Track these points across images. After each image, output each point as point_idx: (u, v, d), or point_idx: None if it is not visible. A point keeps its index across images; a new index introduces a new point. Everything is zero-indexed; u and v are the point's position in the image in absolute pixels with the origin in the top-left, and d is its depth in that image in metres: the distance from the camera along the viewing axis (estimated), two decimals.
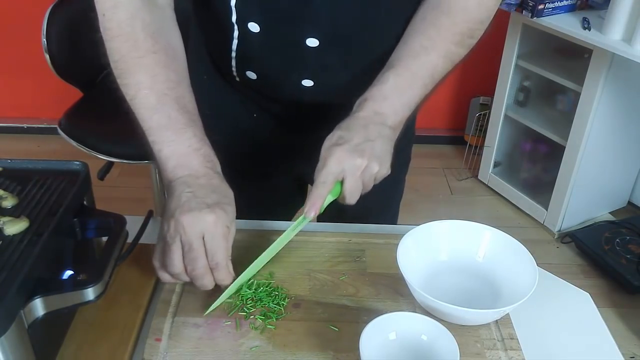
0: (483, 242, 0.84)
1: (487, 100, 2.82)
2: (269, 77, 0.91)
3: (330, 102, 0.94)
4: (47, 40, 1.84)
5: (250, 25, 0.84)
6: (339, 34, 0.85)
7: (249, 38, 0.86)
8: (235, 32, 0.86)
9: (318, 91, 0.91)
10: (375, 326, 0.68)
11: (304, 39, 0.84)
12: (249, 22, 0.84)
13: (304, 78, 0.89)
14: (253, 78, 0.91)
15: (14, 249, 0.62)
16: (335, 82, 0.91)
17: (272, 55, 0.88)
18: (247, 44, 0.87)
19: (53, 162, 0.77)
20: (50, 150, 2.79)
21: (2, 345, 0.56)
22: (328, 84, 0.91)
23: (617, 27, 1.99)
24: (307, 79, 0.89)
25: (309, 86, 0.90)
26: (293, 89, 0.91)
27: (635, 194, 2.65)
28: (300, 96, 0.92)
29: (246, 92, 0.98)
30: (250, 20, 0.84)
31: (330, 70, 0.89)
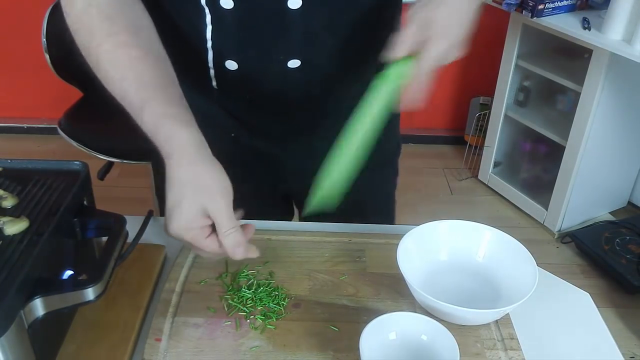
0: (483, 242, 0.84)
1: (487, 100, 2.82)
2: (251, 61, 0.84)
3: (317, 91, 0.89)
4: (47, 40, 1.84)
5: (223, 2, 0.78)
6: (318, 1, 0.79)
7: (222, 18, 0.79)
8: (207, 17, 0.80)
9: (305, 72, 0.85)
10: (375, 326, 0.68)
11: (285, 2, 0.78)
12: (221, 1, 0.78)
13: (290, 58, 0.83)
14: (233, 69, 0.84)
15: (14, 249, 0.62)
16: (322, 56, 0.85)
17: (252, 32, 0.81)
18: (222, 26, 0.80)
19: (53, 162, 0.77)
20: (50, 150, 2.80)
21: (2, 345, 0.56)
22: (315, 62, 0.85)
23: (617, 27, 1.99)
24: (293, 58, 0.83)
25: (296, 67, 0.84)
26: (278, 73, 0.84)
27: (635, 194, 2.65)
28: (286, 82, 0.86)
29: (225, 103, 0.92)
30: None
31: (315, 39, 0.83)
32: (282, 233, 0.90)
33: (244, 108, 0.93)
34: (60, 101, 2.02)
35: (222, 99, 0.92)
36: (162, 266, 0.85)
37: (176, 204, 0.69)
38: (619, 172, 2.52)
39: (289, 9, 0.78)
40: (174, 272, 0.81)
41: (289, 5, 0.78)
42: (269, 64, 0.84)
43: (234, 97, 0.91)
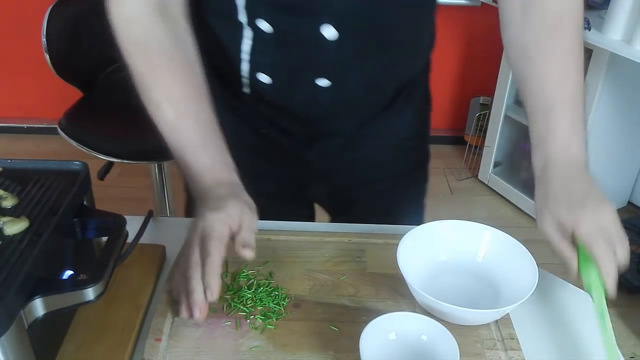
0: (483, 242, 0.84)
1: (487, 100, 2.82)
2: (283, 77, 0.88)
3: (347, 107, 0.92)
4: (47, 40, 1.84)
5: (261, 24, 0.81)
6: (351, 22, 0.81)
7: (260, 37, 0.83)
8: (246, 32, 0.83)
9: (334, 91, 0.87)
10: (375, 326, 0.68)
11: (318, 29, 0.80)
12: (259, 20, 0.81)
13: (320, 76, 0.86)
14: (266, 82, 0.88)
15: (14, 249, 0.62)
16: (352, 79, 0.88)
17: (286, 52, 0.85)
18: (259, 43, 0.84)
19: (53, 162, 0.77)
20: (50, 150, 2.79)
21: (2, 345, 0.56)
22: (344, 82, 0.87)
23: (617, 27, 1.99)
24: (323, 77, 0.86)
25: (325, 86, 0.86)
26: (308, 89, 0.87)
27: (635, 194, 2.65)
28: (315, 98, 0.88)
29: (256, 105, 0.94)
30: (259, 17, 0.81)
31: (346, 63, 0.85)
32: (282, 233, 0.90)
33: (274, 113, 0.95)
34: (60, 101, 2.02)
35: (253, 103, 0.94)
36: (162, 266, 0.85)
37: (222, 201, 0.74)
38: (619, 172, 2.52)
39: (324, 39, 0.81)
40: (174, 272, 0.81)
41: (325, 35, 0.81)
42: (300, 81, 0.87)
43: (265, 103, 0.93)
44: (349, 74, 0.87)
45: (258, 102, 0.93)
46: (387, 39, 0.85)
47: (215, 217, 0.72)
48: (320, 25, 0.80)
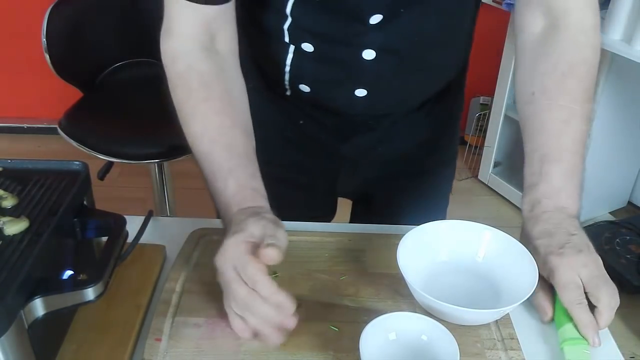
0: (483, 242, 0.83)
1: (487, 100, 2.82)
2: (322, 89, 0.91)
3: (383, 111, 0.94)
4: (47, 40, 1.84)
5: (304, 46, 0.85)
6: (394, 48, 0.84)
7: (302, 56, 0.86)
8: (289, 49, 0.86)
9: (370, 100, 0.90)
10: (375, 326, 0.68)
11: (360, 54, 0.84)
12: (302, 43, 0.85)
13: (358, 87, 0.88)
14: (306, 91, 0.91)
15: (14, 249, 0.62)
16: (388, 91, 0.90)
17: (326, 70, 0.88)
18: (300, 61, 0.87)
19: (53, 162, 0.77)
20: (50, 150, 2.79)
21: (2, 345, 0.56)
22: (381, 94, 0.90)
23: (617, 27, 1.99)
24: (360, 88, 0.88)
25: (362, 96, 0.89)
26: (346, 98, 0.90)
27: (635, 194, 2.65)
28: (353, 105, 0.91)
29: (295, 102, 0.97)
30: (304, 42, 0.84)
31: (383, 79, 0.88)
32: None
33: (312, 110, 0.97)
34: (60, 101, 2.02)
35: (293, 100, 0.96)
36: (162, 266, 0.85)
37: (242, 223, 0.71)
38: (619, 172, 2.52)
39: (363, 59, 0.84)
40: (174, 272, 0.81)
41: (364, 56, 0.84)
42: (338, 91, 0.90)
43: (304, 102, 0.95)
44: (386, 87, 0.89)
45: (298, 100, 0.95)
46: (425, 59, 0.88)
47: (235, 239, 0.69)
48: (361, 51, 0.83)
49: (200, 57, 0.80)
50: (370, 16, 0.80)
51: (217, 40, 0.82)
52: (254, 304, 0.66)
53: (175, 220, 0.99)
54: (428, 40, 0.86)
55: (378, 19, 0.80)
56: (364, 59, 0.84)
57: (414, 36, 0.84)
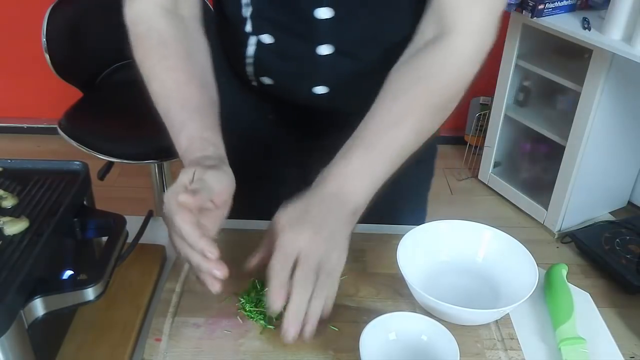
0: (483, 242, 0.84)
1: (487, 100, 2.82)
2: (284, 83, 0.92)
3: (346, 109, 0.93)
4: (47, 40, 1.84)
5: (264, 37, 0.87)
6: (348, 48, 0.86)
7: (263, 48, 0.88)
8: (251, 41, 0.89)
9: (332, 98, 0.91)
10: (375, 326, 0.68)
11: (315, 50, 0.86)
12: (263, 35, 0.87)
13: (318, 85, 0.90)
14: (269, 83, 0.93)
15: (14, 249, 0.62)
16: (350, 91, 0.91)
17: (286, 64, 0.90)
18: (262, 52, 0.89)
19: (53, 162, 0.77)
20: (50, 150, 2.78)
21: (2, 345, 0.56)
22: (343, 93, 0.91)
23: (617, 27, 1.99)
24: (320, 85, 0.90)
25: (323, 93, 0.90)
26: (308, 95, 0.91)
27: (635, 194, 2.65)
28: (314, 102, 0.92)
29: (262, 95, 0.98)
30: (264, 32, 0.87)
31: (342, 78, 0.89)
32: None
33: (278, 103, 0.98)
34: (60, 101, 2.02)
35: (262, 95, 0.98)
36: (162, 266, 0.85)
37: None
38: (619, 172, 2.52)
39: (319, 55, 0.86)
40: (174, 272, 0.81)
41: (319, 52, 0.86)
42: (300, 86, 0.91)
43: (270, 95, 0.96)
44: (346, 86, 0.90)
45: (265, 94, 0.96)
46: (386, 62, 0.86)
47: (169, 191, 0.69)
48: (318, 45, 0.85)
49: (161, 19, 0.83)
50: (314, 8, 0.82)
51: (179, 6, 0.85)
52: (187, 252, 0.69)
53: None
54: (388, 44, 0.86)
55: (327, 13, 0.82)
56: (319, 55, 0.86)
57: (371, 37, 0.85)
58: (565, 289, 0.81)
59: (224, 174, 0.73)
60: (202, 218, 0.70)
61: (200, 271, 0.69)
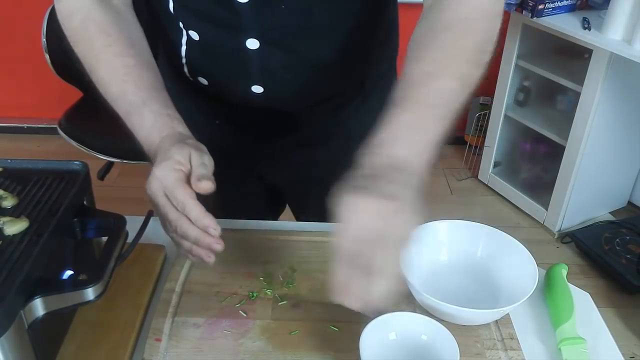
0: (483, 242, 0.83)
1: (487, 100, 2.82)
2: (218, 83, 0.91)
3: (283, 109, 0.93)
4: (47, 40, 1.84)
5: (191, 33, 0.85)
6: (276, 38, 0.83)
7: (193, 45, 0.87)
8: (183, 38, 0.87)
9: (269, 97, 0.89)
10: (375, 326, 0.68)
11: (243, 43, 0.83)
12: (190, 30, 0.85)
13: (253, 84, 0.88)
14: (205, 84, 0.91)
15: (14, 249, 0.62)
16: (283, 87, 0.88)
17: (215, 61, 0.88)
18: (193, 51, 0.88)
19: (53, 162, 0.77)
20: (50, 150, 2.79)
21: (2, 345, 0.56)
22: (277, 90, 0.88)
23: (617, 27, 1.99)
24: (255, 84, 0.88)
25: (259, 92, 0.88)
26: (244, 94, 0.89)
27: (635, 194, 2.65)
28: (252, 102, 0.90)
29: (204, 98, 0.97)
30: (191, 28, 0.85)
31: (275, 74, 0.86)
32: (282, 233, 0.90)
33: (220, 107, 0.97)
34: (60, 101, 2.02)
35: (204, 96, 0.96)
36: (162, 266, 0.85)
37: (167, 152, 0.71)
38: (619, 172, 2.52)
39: (247, 49, 0.83)
40: (174, 272, 0.81)
41: (248, 45, 0.83)
42: (234, 86, 0.89)
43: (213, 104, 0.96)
44: (279, 82, 0.88)
45: (205, 95, 0.95)
46: (315, 53, 0.85)
47: (163, 167, 0.69)
48: (245, 38, 0.83)
49: (95, 8, 0.81)
50: None
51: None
52: (185, 227, 0.68)
53: None
54: (314, 33, 0.83)
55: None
56: (248, 48, 0.83)
57: (296, 26, 0.82)
58: (565, 289, 0.81)
59: (208, 155, 0.74)
60: None
61: (197, 244, 0.69)
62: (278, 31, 0.82)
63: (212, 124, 1.00)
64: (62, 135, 1.84)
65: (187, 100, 0.95)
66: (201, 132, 0.92)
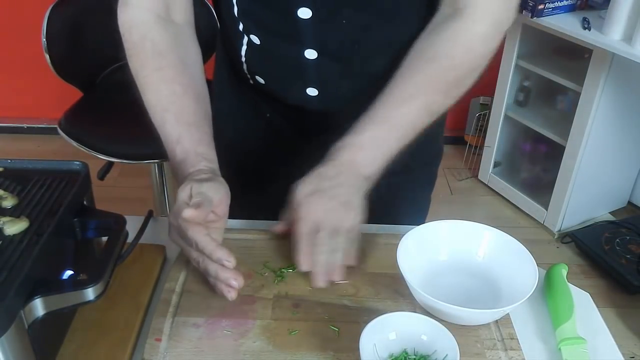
0: (483, 242, 0.83)
1: (487, 100, 2.82)
2: (275, 84, 0.94)
3: (337, 110, 0.94)
4: (47, 40, 1.84)
5: (252, 37, 0.88)
6: (334, 50, 0.86)
7: (253, 47, 0.89)
8: (244, 40, 0.90)
9: (323, 100, 0.92)
10: (375, 326, 0.68)
11: (302, 52, 0.86)
12: (251, 35, 0.88)
13: (308, 87, 0.90)
14: (262, 82, 0.94)
15: (14, 249, 0.62)
16: (339, 92, 0.91)
17: (274, 65, 0.91)
18: (252, 53, 0.91)
19: (53, 162, 0.77)
20: (50, 150, 2.80)
21: (2, 345, 0.56)
22: (332, 94, 0.91)
23: (617, 27, 1.99)
24: (311, 87, 0.90)
25: (314, 95, 0.91)
26: (299, 96, 0.92)
27: (635, 194, 2.65)
28: (306, 103, 0.93)
29: (259, 94, 0.99)
30: (252, 33, 0.87)
31: (331, 81, 0.90)
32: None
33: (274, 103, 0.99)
34: (60, 101, 2.02)
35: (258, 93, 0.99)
36: (162, 266, 0.85)
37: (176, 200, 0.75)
38: (619, 172, 2.53)
39: (305, 58, 0.87)
40: (174, 272, 0.81)
41: (306, 55, 0.87)
42: (290, 87, 0.93)
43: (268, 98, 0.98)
44: (335, 88, 0.91)
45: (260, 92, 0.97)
46: (371, 63, 0.89)
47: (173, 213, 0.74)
48: (304, 49, 0.86)
49: (155, 27, 0.83)
50: (296, 8, 0.82)
51: (172, 11, 0.86)
52: (205, 264, 0.73)
53: None
54: (371, 46, 0.87)
55: (307, 13, 0.82)
56: (306, 58, 0.86)
57: (354, 40, 0.85)
58: (565, 289, 0.81)
59: (219, 184, 0.77)
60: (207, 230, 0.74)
61: (217, 280, 0.73)
62: (336, 44, 0.86)
63: (262, 116, 1.02)
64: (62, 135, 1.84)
65: (240, 92, 1.00)
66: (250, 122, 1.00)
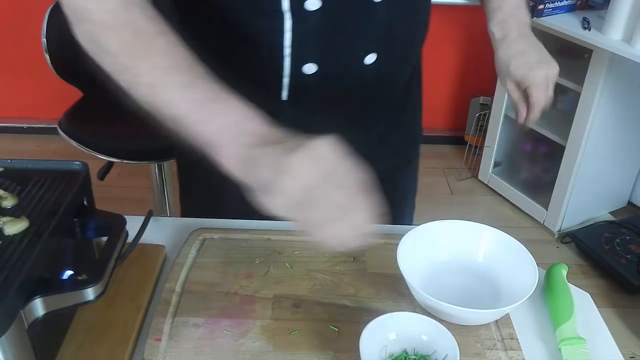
0: (483, 242, 0.84)
1: (487, 100, 2.82)
2: (330, 61, 0.83)
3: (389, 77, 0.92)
4: (47, 40, 1.84)
5: (308, 4, 0.77)
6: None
7: (305, 21, 0.79)
8: (287, 24, 0.78)
9: (378, 70, 0.85)
10: (375, 326, 0.68)
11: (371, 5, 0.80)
12: (305, 2, 0.77)
13: (368, 52, 0.84)
14: (311, 72, 0.83)
15: (14, 249, 0.62)
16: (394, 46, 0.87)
17: (335, 30, 0.81)
18: (303, 29, 0.79)
19: (53, 162, 0.77)
20: (50, 150, 2.80)
21: (2, 345, 0.56)
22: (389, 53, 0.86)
23: (617, 27, 1.99)
24: (371, 52, 0.84)
25: (371, 63, 0.84)
26: (355, 70, 0.85)
27: (635, 194, 2.65)
28: (360, 79, 0.86)
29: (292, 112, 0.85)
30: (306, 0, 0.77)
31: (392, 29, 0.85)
32: (282, 233, 0.90)
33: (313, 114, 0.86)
34: (60, 101, 2.02)
35: (290, 110, 0.86)
36: (162, 266, 0.85)
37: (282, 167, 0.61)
38: (619, 172, 2.52)
39: (373, 2, 0.81)
40: (174, 272, 0.81)
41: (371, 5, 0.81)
42: (348, 62, 0.85)
43: (306, 104, 0.87)
44: (394, 42, 0.88)
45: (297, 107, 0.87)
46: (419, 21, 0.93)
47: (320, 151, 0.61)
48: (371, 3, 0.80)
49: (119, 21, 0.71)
50: None
51: None
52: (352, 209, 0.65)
53: (175, 220, 0.99)
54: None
55: None
56: (373, 1, 0.80)
57: None
58: (565, 289, 0.81)
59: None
60: None
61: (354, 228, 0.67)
62: None
63: None
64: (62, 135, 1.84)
65: None
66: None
